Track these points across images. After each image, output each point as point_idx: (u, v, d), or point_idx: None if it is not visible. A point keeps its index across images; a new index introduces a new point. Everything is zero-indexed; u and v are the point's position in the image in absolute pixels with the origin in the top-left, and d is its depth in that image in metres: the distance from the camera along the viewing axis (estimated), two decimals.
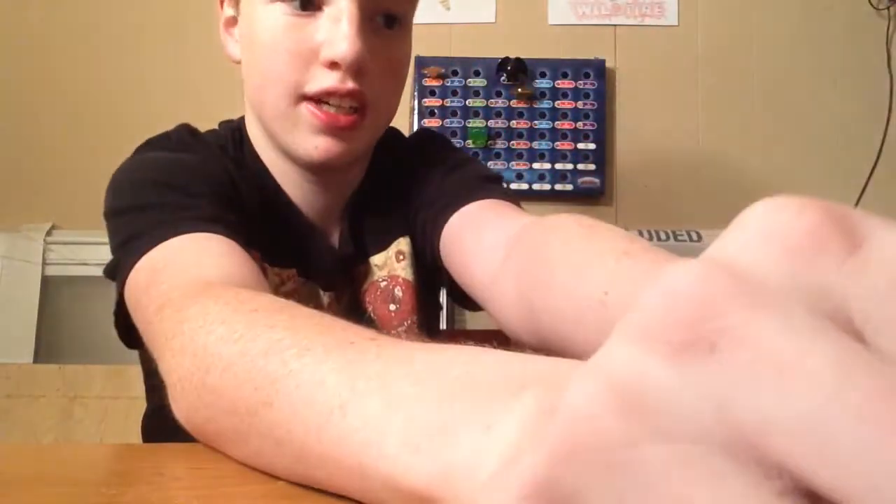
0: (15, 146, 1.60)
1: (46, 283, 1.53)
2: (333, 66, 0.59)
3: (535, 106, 1.56)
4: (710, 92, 1.61)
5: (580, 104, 1.56)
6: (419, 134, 0.81)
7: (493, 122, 1.56)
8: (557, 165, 1.56)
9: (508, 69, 1.53)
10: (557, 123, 1.56)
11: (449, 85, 1.56)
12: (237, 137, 0.69)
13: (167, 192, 0.56)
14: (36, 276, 1.52)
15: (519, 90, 1.55)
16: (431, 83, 1.55)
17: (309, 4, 0.59)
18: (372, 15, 0.60)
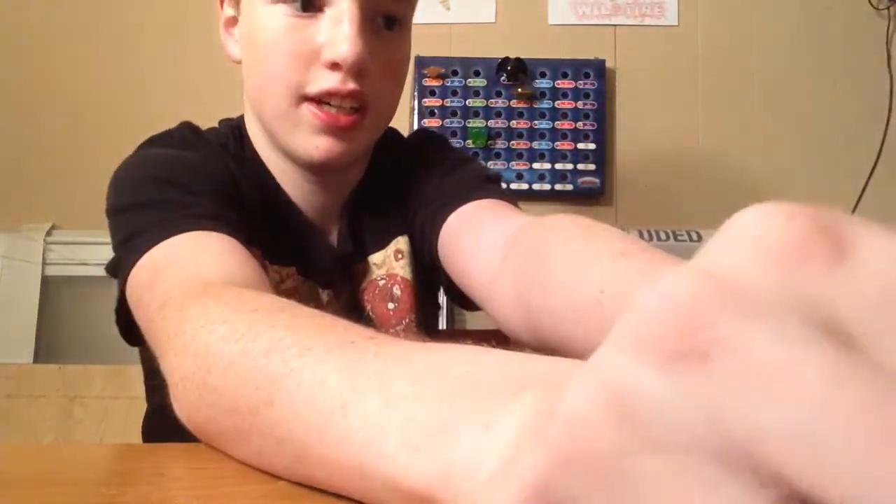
0: (15, 146, 1.60)
1: (46, 283, 1.53)
2: (335, 66, 0.59)
3: (535, 106, 1.56)
4: (710, 92, 1.61)
5: (580, 104, 1.56)
6: (418, 134, 0.81)
7: (493, 122, 1.56)
8: (557, 165, 1.56)
9: (508, 69, 1.53)
10: (557, 123, 1.56)
11: (449, 85, 1.56)
12: (237, 135, 0.69)
13: (168, 189, 0.56)
14: (36, 276, 1.52)
15: (519, 90, 1.55)
16: (431, 83, 1.55)
17: (310, 6, 0.59)
18: (372, 16, 0.61)
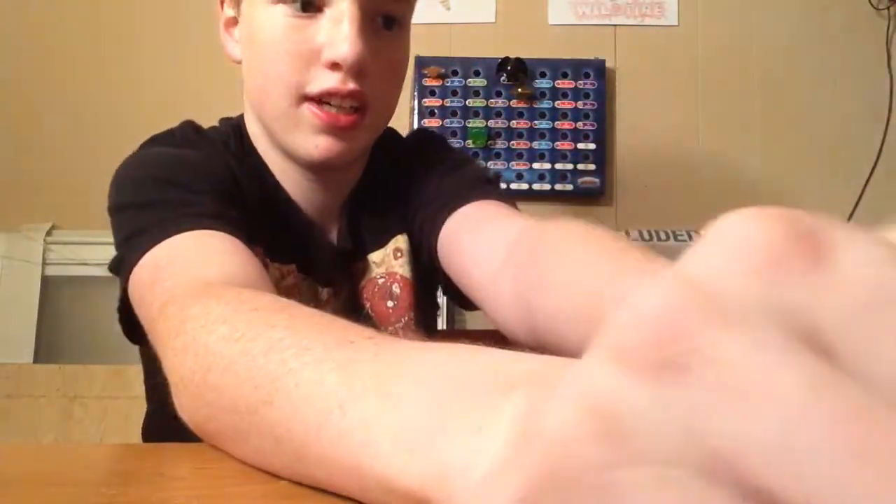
0: (15, 146, 1.60)
1: (46, 283, 1.53)
2: (335, 67, 0.59)
3: (535, 106, 1.56)
4: (710, 92, 1.61)
5: (580, 104, 1.56)
6: (417, 134, 0.82)
7: (493, 122, 1.56)
8: (557, 165, 1.56)
9: (508, 69, 1.53)
10: (557, 123, 1.56)
11: (449, 85, 1.56)
12: (238, 134, 0.69)
13: (170, 188, 0.57)
14: (36, 276, 1.52)
15: (519, 90, 1.55)
16: (431, 83, 1.55)
17: (310, 6, 0.60)
18: (372, 16, 0.61)
